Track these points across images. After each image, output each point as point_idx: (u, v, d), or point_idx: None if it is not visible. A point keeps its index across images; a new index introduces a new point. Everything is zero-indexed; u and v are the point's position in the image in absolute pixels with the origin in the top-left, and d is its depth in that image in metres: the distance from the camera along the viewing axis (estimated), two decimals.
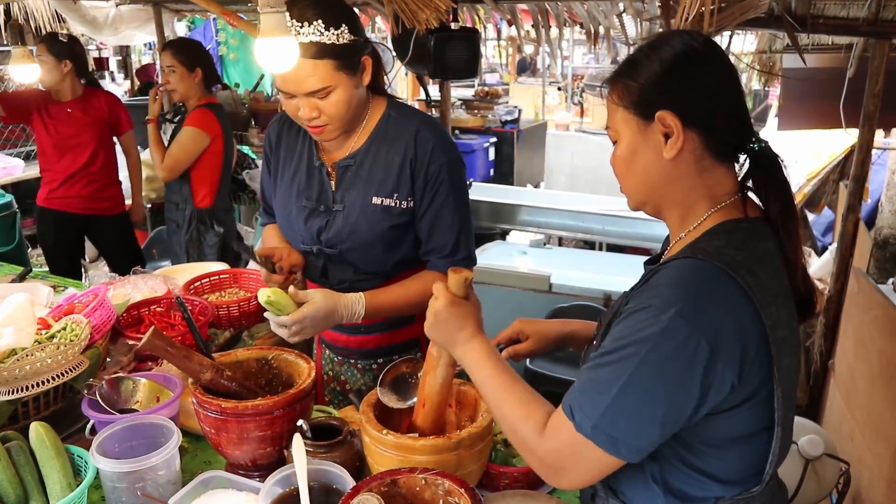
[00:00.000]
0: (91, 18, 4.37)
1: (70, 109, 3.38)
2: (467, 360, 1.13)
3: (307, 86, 1.44)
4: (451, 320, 1.14)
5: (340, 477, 1.23)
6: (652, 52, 1.01)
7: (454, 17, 3.25)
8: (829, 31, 2.73)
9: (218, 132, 3.18)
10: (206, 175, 3.24)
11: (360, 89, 1.52)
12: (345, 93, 1.46)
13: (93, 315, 1.62)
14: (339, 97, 1.46)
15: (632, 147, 1.03)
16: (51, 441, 1.31)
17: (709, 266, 0.93)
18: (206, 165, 3.22)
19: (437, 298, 1.16)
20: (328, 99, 1.46)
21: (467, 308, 1.15)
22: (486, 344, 1.13)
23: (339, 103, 1.47)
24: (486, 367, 1.10)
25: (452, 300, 1.15)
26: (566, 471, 0.98)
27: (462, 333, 1.13)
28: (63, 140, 3.39)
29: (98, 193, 3.49)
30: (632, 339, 0.92)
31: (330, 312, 1.49)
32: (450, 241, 1.58)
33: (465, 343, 1.13)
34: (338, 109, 1.48)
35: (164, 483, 1.29)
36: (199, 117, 3.16)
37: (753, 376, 0.94)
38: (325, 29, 1.40)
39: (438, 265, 1.60)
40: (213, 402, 1.29)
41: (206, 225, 3.28)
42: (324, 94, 1.45)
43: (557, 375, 3.06)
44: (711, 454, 0.99)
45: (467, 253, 1.62)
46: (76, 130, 3.38)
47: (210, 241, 3.28)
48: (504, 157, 6.89)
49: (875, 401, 2.26)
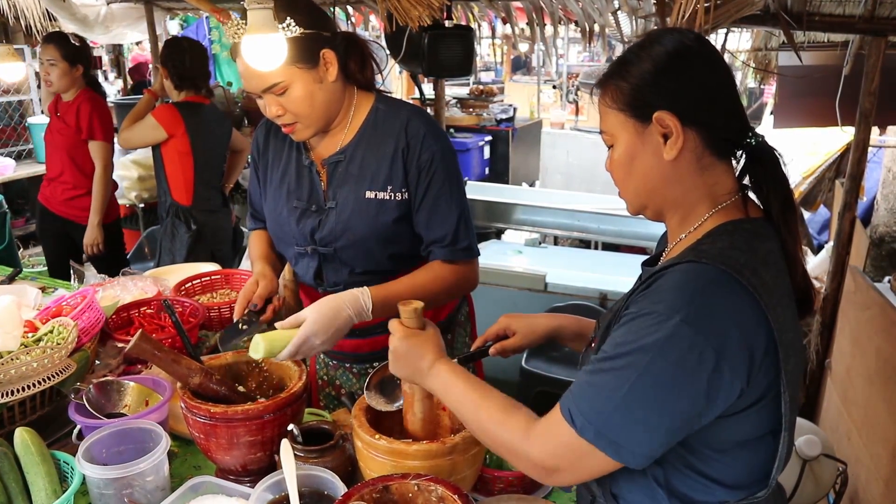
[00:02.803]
0: (82, 16, 4.33)
1: (58, 113, 3.38)
2: (436, 386, 1.13)
3: (261, 83, 1.42)
4: (410, 352, 1.15)
5: (332, 482, 1.21)
6: (643, 52, 0.98)
7: (448, 15, 3.22)
8: (825, 29, 2.71)
9: (180, 131, 3.18)
10: (178, 173, 3.26)
11: (326, 84, 1.48)
12: (303, 88, 1.44)
13: (81, 317, 1.59)
14: (299, 93, 1.44)
15: (630, 150, 1.01)
16: (36, 447, 1.29)
17: (713, 270, 0.91)
18: (174, 163, 3.24)
19: (393, 334, 1.17)
20: (287, 95, 1.44)
21: (423, 337, 1.16)
22: (450, 365, 1.13)
23: (300, 99, 1.44)
24: (456, 386, 1.09)
25: (406, 333, 1.16)
26: (561, 471, 0.97)
27: (423, 362, 1.14)
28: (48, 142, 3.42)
29: (74, 202, 3.47)
30: (636, 346, 0.90)
31: (332, 315, 1.38)
32: (450, 231, 1.55)
33: (429, 371, 1.13)
34: (298, 106, 1.45)
35: (152, 489, 1.27)
36: (162, 111, 3.20)
37: (761, 380, 0.92)
38: None
39: (440, 254, 1.56)
40: (201, 406, 1.27)
41: (181, 220, 3.30)
42: (279, 90, 1.43)
43: (552, 375, 3.04)
44: (717, 458, 0.97)
45: (469, 242, 1.58)
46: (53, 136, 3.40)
47: (181, 236, 3.30)
48: (499, 155, 6.88)
49: (872, 400, 2.25)
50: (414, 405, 1.23)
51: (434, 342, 1.16)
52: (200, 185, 3.32)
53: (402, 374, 1.19)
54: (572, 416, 0.93)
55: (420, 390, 1.22)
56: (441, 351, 1.15)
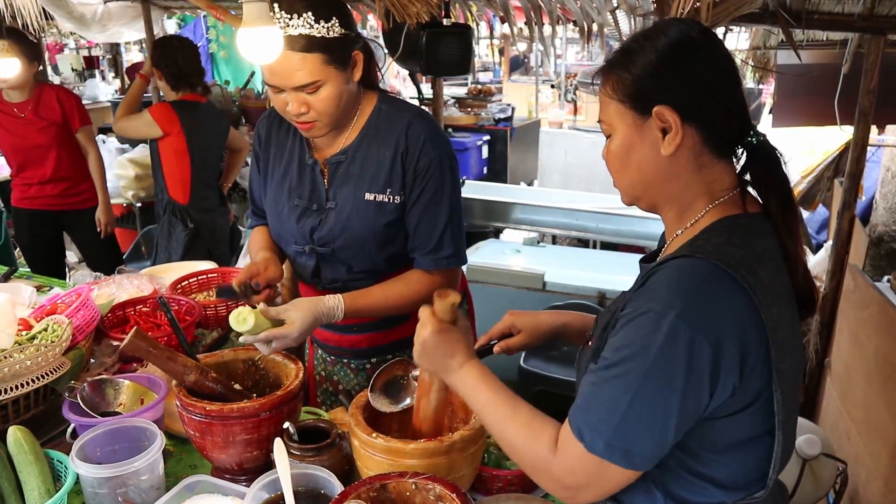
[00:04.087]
0: (79, 15, 4.31)
1: (22, 114, 3.27)
2: (462, 387, 1.10)
3: (295, 80, 1.40)
4: (439, 347, 1.11)
5: (328, 481, 1.20)
6: (647, 42, 0.96)
7: (446, 14, 3.21)
8: (824, 27, 2.71)
9: (176, 129, 3.17)
10: (175, 171, 3.26)
11: (351, 85, 1.48)
12: (334, 88, 1.43)
13: (75, 315, 1.58)
14: (329, 93, 1.42)
15: (627, 142, 0.99)
16: (29, 446, 1.28)
17: (708, 265, 0.90)
18: (171, 161, 3.23)
19: (424, 326, 1.13)
20: (317, 94, 1.42)
21: (455, 334, 1.12)
22: (480, 368, 1.10)
23: (329, 99, 1.43)
24: (483, 392, 1.06)
25: (439, 327, 1.11)
26: (584, 488, 0.95)
27: (453, 361, 1.10)
28: (21, 143, 3.31)
29: (69, 191, 3.45)
30: (634, 350, 0.89)
31: (312, 322, 1.45)
32: (434, 238, 1.54)
33: (458, 370, 1.10)
34: (327, 105, 1.44)
35: (146, 488, 1.26)
36: (158, 109, 3.19)
37: (755, 379, 0.91)
38: (315, 21, 1.36)
39: (422, 263, 1.57)
40: (197, 404, 1.26)
41: (177, 218, 3.29)
42: (312, 88, 1.41)
43: (551, 374, 3.03)
44: (713, 459, 0.96)
45: (453, 250, 1.57)
46: (32, 134, 3.30)
47: (178, 234, 3.29)
48: (497, 154, 6.86)
49: (872, 399, 2.25)
50: (431, 393, 1.20)
51: (466, 341, 1.13)
52: (197, 184, 3.31)
53: (426, 366, 1.15)
54: (581, 432, 0.92)
55: (439, 381, 1.19)
56: (471, 350, 1.13)
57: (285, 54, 1.36)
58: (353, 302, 1.51)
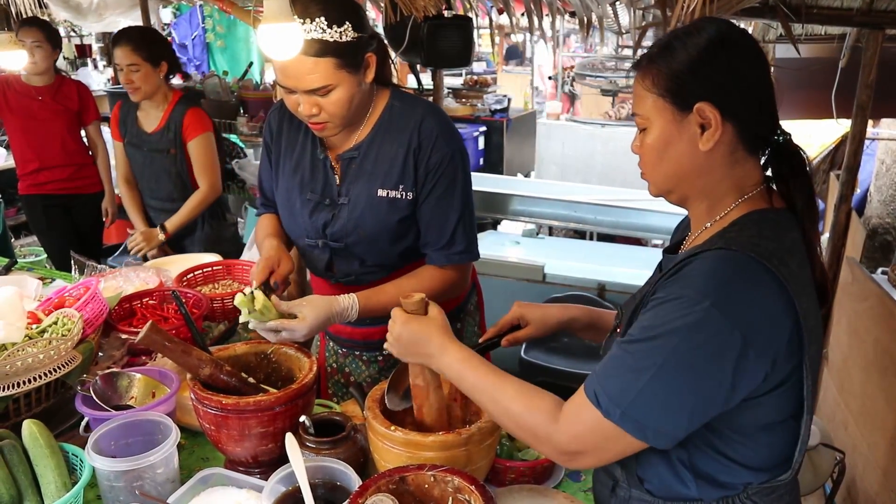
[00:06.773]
0: (75, 4, 4.27)
1: (40, 97, 3.36)
2: (448, 371, 1.12)
3: (307, 83, 1.40)
4: (413, 336, 1.14)
5: (344, 474, 1.21)
6: (689, 39, 0.97)
7: (448, 5, 3.20)
8: (823, 21, 2.73)
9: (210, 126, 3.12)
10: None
11: (364, 86, 1.48)
12: (346, 91, 1.43)
13: (84, 308, 1.58)
14: (340, 96, 1.42)
15: (665, 136, 1.00)
16: (45, 439, 1.28)
17: (743, 257, 0.92)
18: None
19: (394, 322, 1.17)
20: (329, 97, 1.42)
21: (425, 321, 1.15)
22: (462, 349, 1.12)
23: (340, 102, 1.43)
24: (471, 370, 1.09)
25: (407, 318, 1.15)
26: (586, 454, 0.98)
27: (432, 346, 1.13)
28: (35, 127, 3.38)
29: (75, 174, 3.50)
30: (664, 329, 0.91)
31: (324, 321, 1.46)
32: (446, 233, 1.55)
33: (441, 355, 1.12)
34: (338, 108, 1.44)
35: (162, 482, 1.27)
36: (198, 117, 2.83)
37: (785, 365, 0.94)
38: (328, 26, 1.36)
39: (434, 258, 1.58)
40: (213, 398, 1.26)
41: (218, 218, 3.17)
42: (324, 92, 1.41)
43: (552, 366, 3.05)
44: (740, 441, 0.99)
45: (465, 245, 1.58)
46: (47, 116, 3.37)
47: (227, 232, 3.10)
48: (494, 146, 6.86)
49: (869, 390, 2.28)
50: (429, 397, 1.23)
51: (438, 324, 1.15)
52: None
53: (408, 358, 1.18)
54: (598, 398, 0.94)
55: (433, 381, 1.22)
56: (447, 332, 1.14)
57: (298, 58, 1.36)
58: (367, 301, 1.52)
